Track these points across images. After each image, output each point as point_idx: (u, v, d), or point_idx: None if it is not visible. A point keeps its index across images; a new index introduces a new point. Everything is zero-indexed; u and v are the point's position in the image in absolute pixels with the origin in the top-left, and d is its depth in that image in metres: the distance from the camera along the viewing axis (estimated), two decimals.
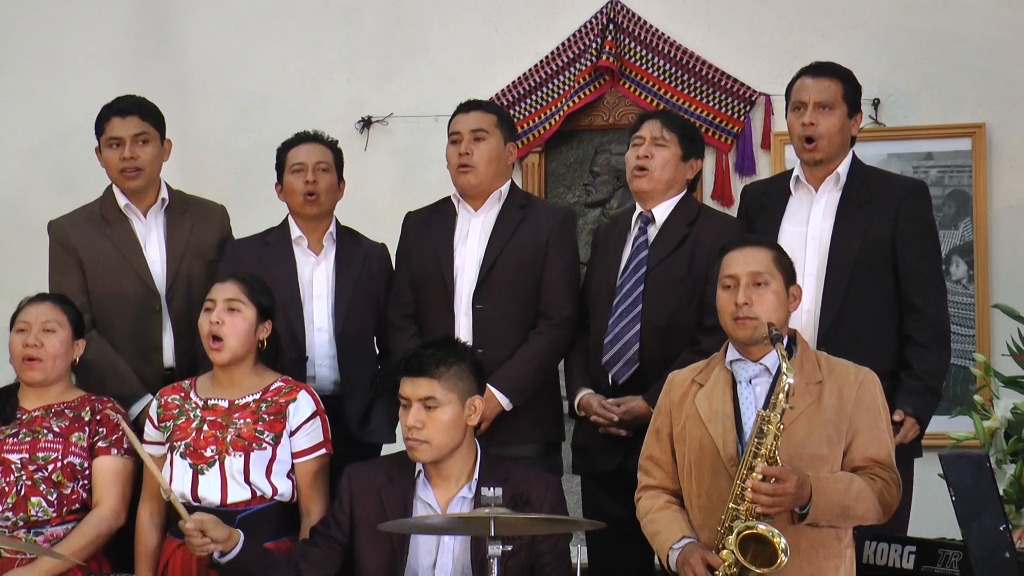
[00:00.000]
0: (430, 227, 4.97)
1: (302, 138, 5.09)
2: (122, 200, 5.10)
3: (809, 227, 4.69)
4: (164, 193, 5.15)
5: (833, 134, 4.67)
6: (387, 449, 5.01)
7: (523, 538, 4.08)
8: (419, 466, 4.24)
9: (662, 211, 4.81)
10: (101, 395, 4.75)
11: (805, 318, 4.58)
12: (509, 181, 4.98)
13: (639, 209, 4.85)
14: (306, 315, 4.94)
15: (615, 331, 4.72)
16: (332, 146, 5.11)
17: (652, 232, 4.81)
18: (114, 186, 5.13)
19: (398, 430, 4.85)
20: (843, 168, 4.72)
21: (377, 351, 5.12)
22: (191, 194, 5.28)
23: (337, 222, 5.11)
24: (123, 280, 5.03)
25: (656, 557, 4.30)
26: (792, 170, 4.82)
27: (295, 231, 5.05)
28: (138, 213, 5.11)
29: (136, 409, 4.85)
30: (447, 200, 5.01)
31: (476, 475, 4.20)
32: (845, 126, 4.71)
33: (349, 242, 5.08)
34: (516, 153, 5.08)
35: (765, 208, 4.81)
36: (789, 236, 4.68)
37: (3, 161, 6.74)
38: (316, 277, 5.00)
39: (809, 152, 4.69)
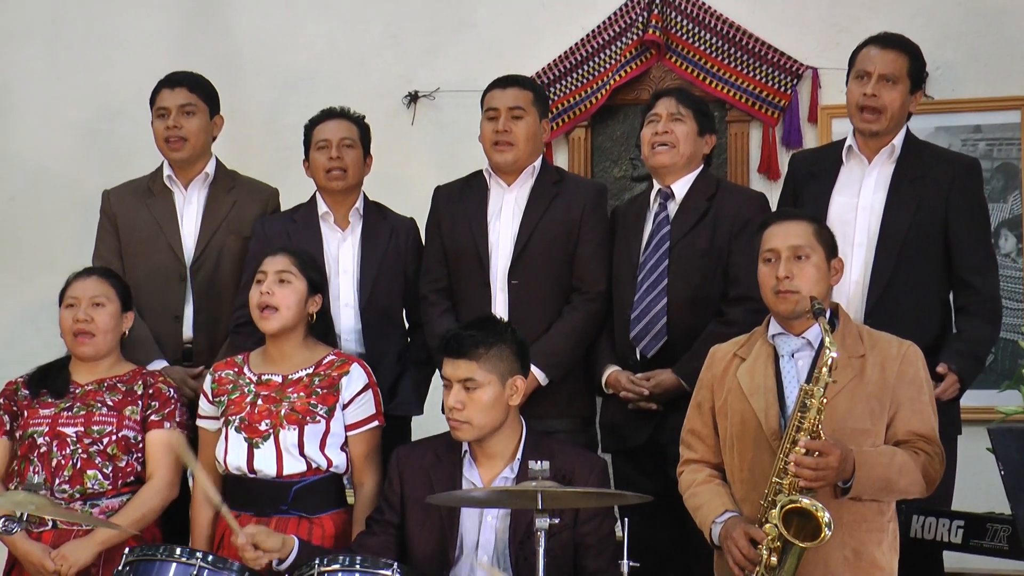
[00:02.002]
0: (462, 201, 4.98)
1: (327, 114, 5.12)
2: (167, 172, 5.19)
3: (860, 198, 4.67)
4: (210, 168, 5.21)
5: (894, 108, 4.64)
6: (417, 422, 5.07)
7: (566, 518, 4.09)
8: (465, 445, 4.26)
9: (681, 186, 4.82)
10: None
11: (853, 289, 4.58)
12: (541, 156, 5.00)
13: (657, 186, 4.87)
14: (332, 290, 4.96)
15: (641, 306, 4.73)
16: (358, 121, 5.13)
17: (672, 207, 4.82)
18: (164, 160, 5.21)
19: (428, 402, 4.93)
20: (898, 141, 4.69)
21: (406, 324, 5.15)
22: (247, 175, 5.34)
23: (365, 197, 5.14)
24: (154, 249, 5.11)
25: (695, 532, 4.30)
26: (844, 140, 4.79)
27: (321, 207, 5.08)
28: (180, 185, 5.19)
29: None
30: (479, 174, 5.03)
31: (520, 454, 4.23)
32: (906, 101, 4.68)
33: (376, 217, 5.10)
34: (549, 130, 5.09)
35: (814, 177, 4.78)
36: (839, 207, 4.67)
37: (56, 137, 6.79)
38: (342, 253, 5.03)
39: (867, 123, 4.66)
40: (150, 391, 4.64)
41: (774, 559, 3.84)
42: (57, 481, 4.49)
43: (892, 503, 4.05)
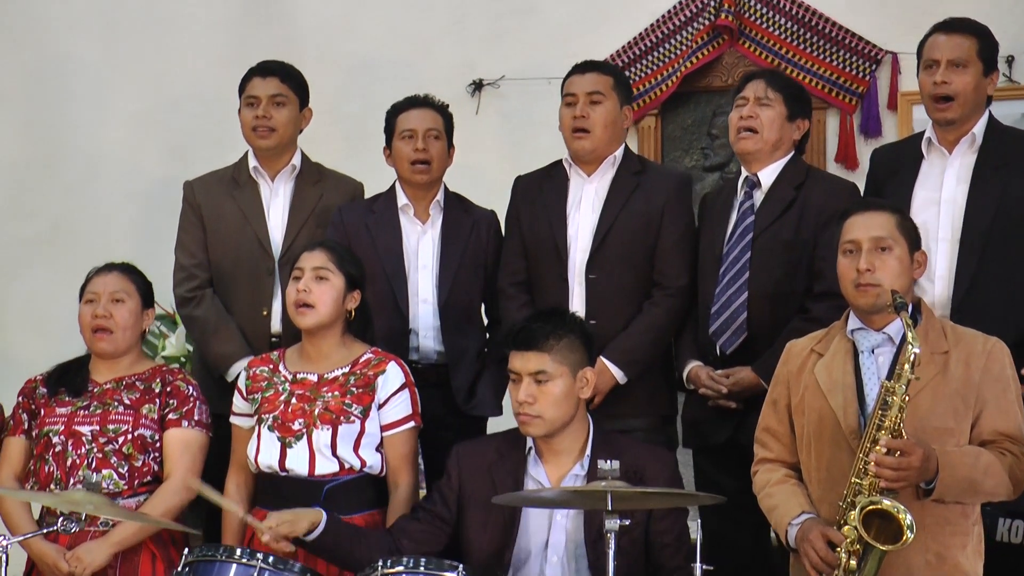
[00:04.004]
0: (542, 192, 4.96)
1: (413, 102, 5.10)
2: (252, 163, 5.21)
3: (942, 191, 4.63)
4: (296, 160, 5.23)
5: (967, 93, 4.60)
6: (492, 422, 5.05)
7: (638, 516, 4.08)
8: (530, 442, 4.25)
9: (768, 174, 4.78)
10: (204, 351, 4.85)
11: (939, 285, 4.56)
12: (623, 145, 4.96)
13: (744, 173, 4.83)
14: (410, 286, 4.97)
15: (722, 300, 4.71)
16: (443, 111, 5.11)
17: (758, 197, 4.78)
18: (249, 151, 5.23)
19: (505, 403, 4.90)
20: (978, 129, 4.65)
21: (485, 322, 5.15)
22: (332, 169, 5.35)
23: (446, 189, 5.12)
24: (241, 242, 5.13)
25: (772, 532, 4.29)
26: (923, 132, 4.75)
27: (402, 199, 5.06)
28: (266, 177, 5.21)
29: (237, 368, 4.92)
30: (558, 164, 5.00)
31: (589, 451, 4.21)
32: (980, 85, 4.63)
33: (457, 210, 5.09)
34: (632, 116, 5.06)
35: (896, 173, 4.74)
36: (921, 201, 4.63)
37: (111, 127, 6.86)
38: (422, 247, 5.03)
39: (941, 112, 4.62)
40: (168, 389, 4.64)
41: (853, 563, 3.81)
42: (72, 481, 4.49)
43: (977, 505, 4.01)
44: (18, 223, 6.91)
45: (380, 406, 4.46)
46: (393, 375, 4.48)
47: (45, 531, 4.28)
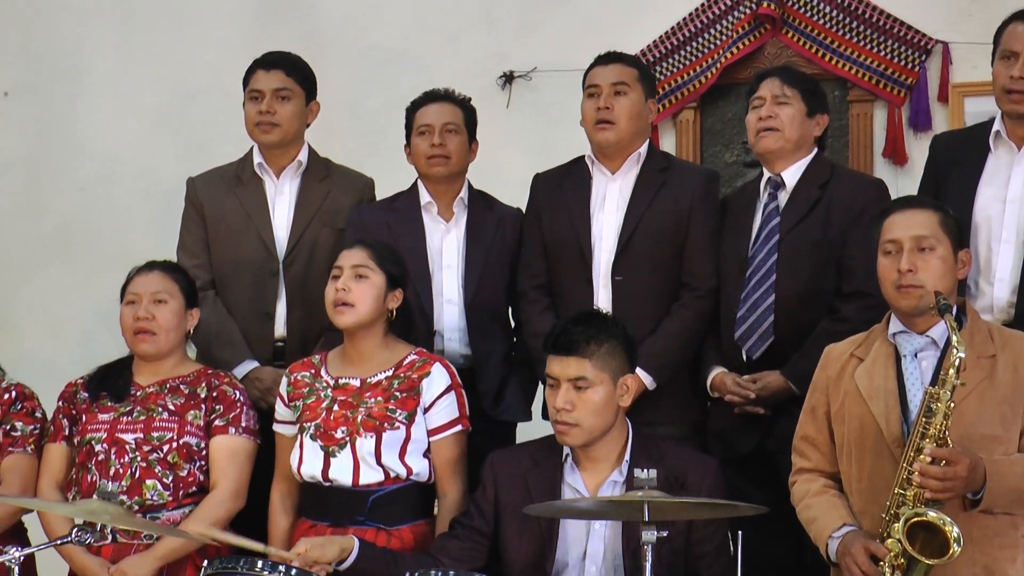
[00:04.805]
0: (563, 190, 4.97)
1: (431, 97, 5.13)
2: (257, 159, 5.22)
3: (1009, 190, 4.60)
4: (303, 156, 5.23)
5: None
6: (521, 427, 5.07)
7: (678, 523, 4.08)
8: (566, 449, 4.26)
9: (792, 174, 4.80)
10: (207, 356, 4.87)
11: (999, 288, 4.54)
12: (647, 141, 4.98)
13: (767, 174, 4.85)
14: (435, 286, 4.99)
15: (748, 304, 4.72)
16: (463, 105, 5.13)
17: (783, 197, 4.80)
18: (253, 146, 5.24)
19: (534, 407, 4.94)
20: None
21: (512, 323, 5.15)
22: (340, 164, 5.36)
23: (470, 186, 5.14)
24: (244, 241, 5.14)
25: (808, 549, 4.28)
26: (991, 122, 4.72)
27: (424, 196, 5.08)
28: (271, 173, 5.22)
29: (238, 373, 4.93)
30: (580, 161, 5.01)
31: (627, 457, 4.22)
32: None
33: (481, 207, 5.11)
34: (656, 111, 5.09)
35: (959, 164, 4.71)
36: (986, 199, 4.61)
37: (127, 123, 6.90)
38: (446, 245, 5.05)
39: (1014, 104, 4.59)
40: (214, 394, 4.65)
41: None
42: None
43: None
44: (29, 222, 6.96)
45: (426, 410, 4.47)
46: (438, 377, 4.50)
47: (58, 542, 4.24)
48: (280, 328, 5.10)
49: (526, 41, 6.53)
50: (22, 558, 3.99)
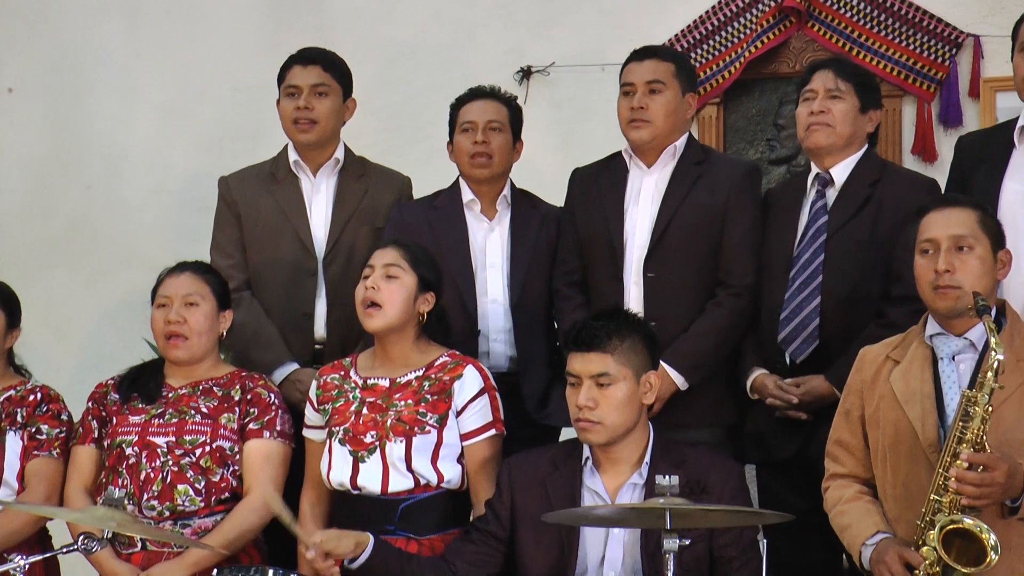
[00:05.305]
0: (599, 185, 4.96)
1: (476, 93, 5.13)
2: (292, 156, 5.22)
3: None
4: (340, 154, 5.24)
5: None
6: (567, 433, 5.05)
7: (701, 528, 4.06)
8: (586, 452, 4.25)
9: (841, 170, 4.76)
10: (244, 359, 4.85)
11: None
12: (686, 134, 4.96)
13: (815, 170, 4.81)
14: (478, 285, 4.98)
15: (792, 305, 4.69)
16: (509, 103, 5.13)
17: (831, 195, 4.77)
18: (289, 143, 5.24)
19: None
20: None
21: (555, 324, 5.13)
22: (376, 163, 5.36)
23: (512, 184, 5.14)
24: (281, 240, 5.13)
25: (845, 554, 4.27)
26: (1015, 120, 4.71)
27: (467, 194, 5.08)
28: (307, 171, 5.22)
29: (278, 376, 4.93)
30: (617, 155, 5.00)
31: (647, 459, 4.20)
32: None
33: (525, 206, 5.11)
34: (695, 104, 5.05)
35: (984, 162, 4.70)
36: (1011, 195, 4.59)
37: (136, 119, 6.90)
38: (490, 244, 5.05)
39: None
40: (248, 396, 4.63)
41: None
42: (145, 496, 4.48)
43: None
44: (36, 222, 6.98)
45: (458, 413, 4.46)
46: (471, 379, 4.48)
47: (63, 550, 4.23)
48: (320, 329, 5.10)
49: (544, 35, 6.53)
50: (27, 566, 3.98)
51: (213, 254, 5.20)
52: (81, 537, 4.10)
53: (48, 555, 4.35)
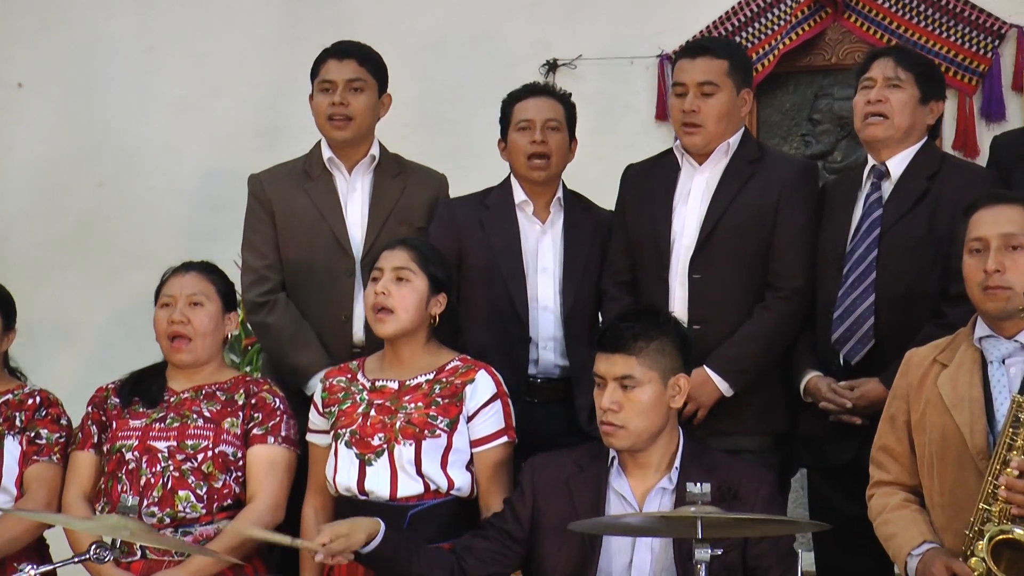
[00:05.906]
0: (650, 183, 4.92)
1: (530, 90, 5.08)
2: (327, 153, 5.18)
3: None
4: (375, 151, 5.21)
5: None
6: None
7: (734, 537, 4.02)
8: (613, 452, 4.22)
9: (898, 163, 4.70)
10: (280, 362, 4.86)
11: None
12: (742, 130, 4.90)
13: (871, 162, 4.75)
14: (529, 291, 4.94)
15: (846, 304, 4.64)
16: (565, 100, 5.09)
17: (887, 188, 4.71)
18: (322, 140, 5.21)
19: None
20: None
21: None
22: (411, 160, 5.33)
23: (564, 186, 5.09)
24: (317, 240, 5.10)
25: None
26: None
27: (519, 195, 5.03)
28: (342, 169, 5.18)
29: (315, 382, 4.85)
30: (670, 152, 4.97)
31: (677, 464, 4.17)
32: None
33: (579, 209, 5.06)
34: (751, 100, 4.98)
35: (1023, 160, 4.67)
36: None
37: (149, 116, 6.91)
38: (542, 248, 5.00)
39: None
40: (253, 401, 4.61)
41: None
42: (145, 503, 4.47)
43: None
44: (46, 221, 6.98)
45: (469, 419, 4.43)
46: (483, 384, 4.45)
47: (75, 560, 4.18)
48: (359, 332, 5.04)
49: (570, 28, 6.51)
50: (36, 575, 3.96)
51: (246, 254, 5.18)
52: (93, 547, 4.05)
53: (60, 564, 4.28)
